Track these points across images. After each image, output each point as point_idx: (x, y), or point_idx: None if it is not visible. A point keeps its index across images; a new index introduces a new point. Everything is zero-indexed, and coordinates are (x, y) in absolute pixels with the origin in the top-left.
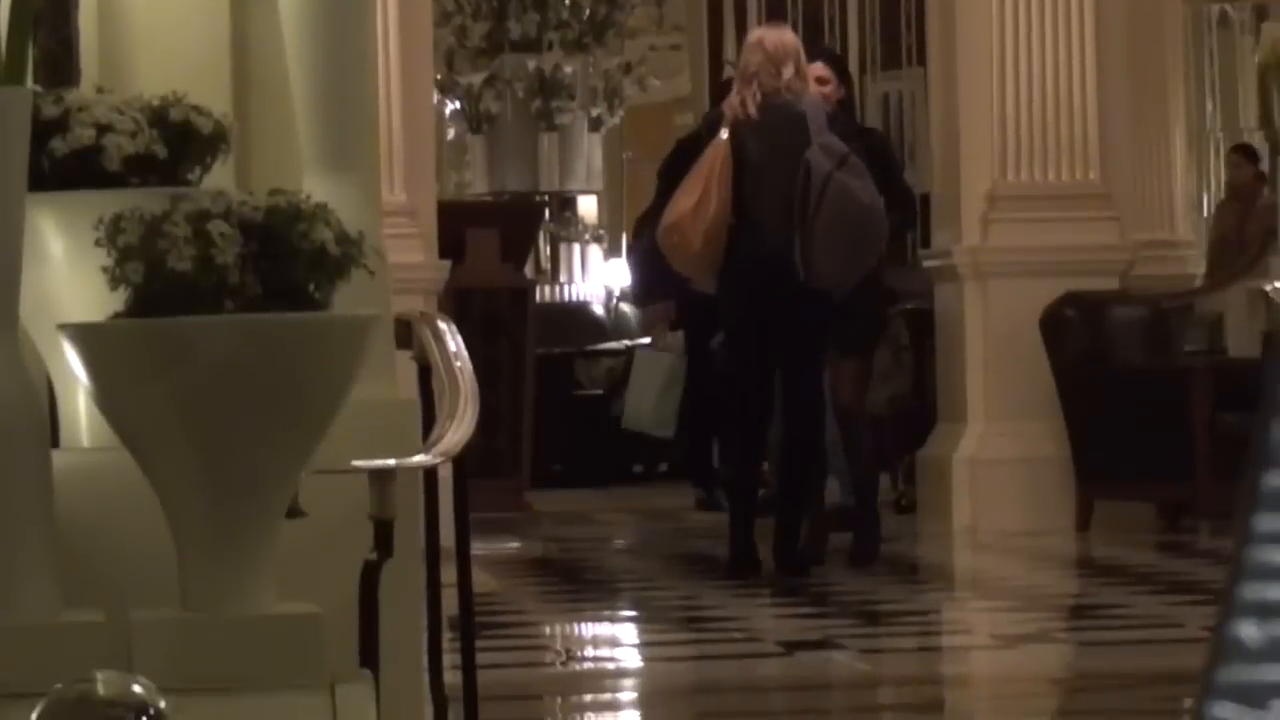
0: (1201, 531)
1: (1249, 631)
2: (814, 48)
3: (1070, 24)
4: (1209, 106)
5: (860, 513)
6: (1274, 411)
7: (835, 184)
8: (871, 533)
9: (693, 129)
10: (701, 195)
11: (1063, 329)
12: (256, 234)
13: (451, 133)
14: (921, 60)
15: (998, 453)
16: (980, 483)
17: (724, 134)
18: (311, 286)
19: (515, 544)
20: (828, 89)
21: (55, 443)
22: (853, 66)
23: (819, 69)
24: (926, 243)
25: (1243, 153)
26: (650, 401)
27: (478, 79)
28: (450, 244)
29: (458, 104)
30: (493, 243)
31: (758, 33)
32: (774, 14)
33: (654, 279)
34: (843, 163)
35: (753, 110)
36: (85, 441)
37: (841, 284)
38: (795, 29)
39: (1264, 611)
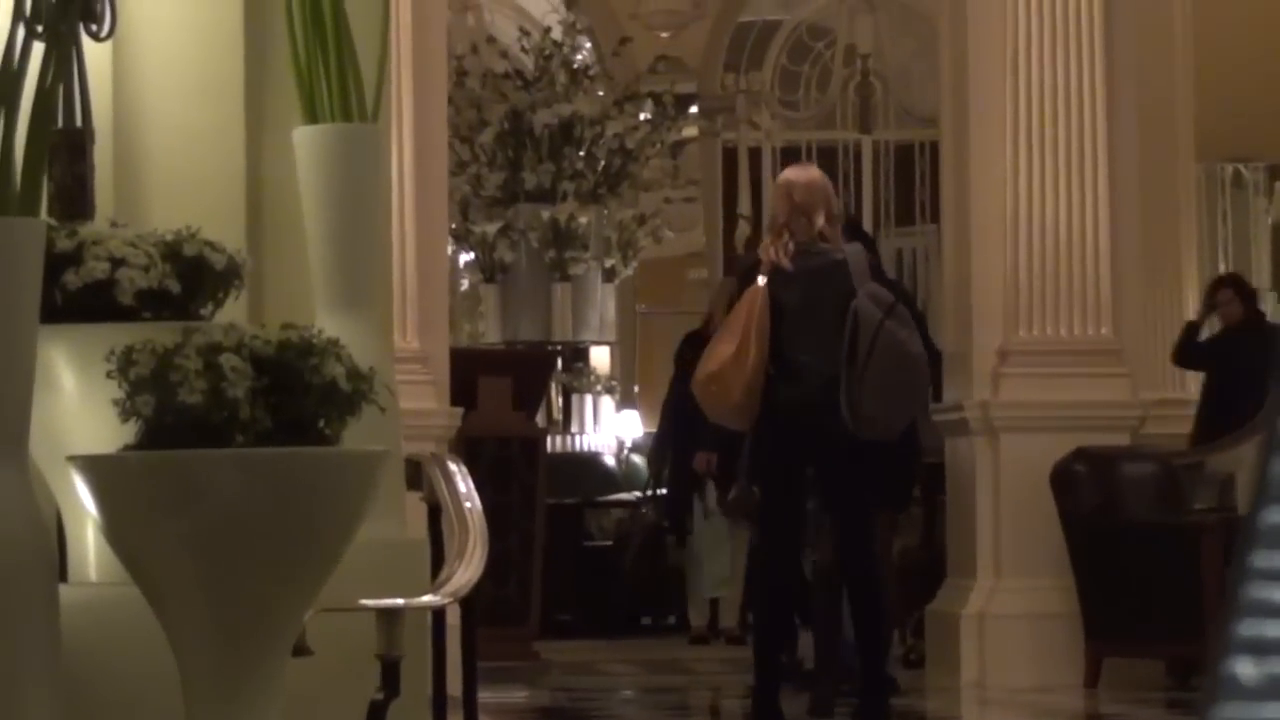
0: None
1: (1245, 669)
2: None
3: (1084, 182)
4: (1222, 266)
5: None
6: (1275, 447)
7: (886, 333)
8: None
9: (695, 328)
10: (740, 343)
11: (1073, 485)
12: (268, 368)
13: (465, 282)
14: (935, 217)
15: (1006, 608)
16: (989, 638)
17: (761, 280)
18: (322, 422)
19: (523, 693)
20: None
21: (63, 576)
22: (867, 223)
23: None
24: (938, 397)
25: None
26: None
27: (492, 228)
28: (462, 391)
29: (472, 253)
30: (505, 391)
31: (786, 176)
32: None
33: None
34: (891, 311)
35: (786, 263)
36: (93, 575)
37: (887, 433)
38: None
39: (1261, 648)
